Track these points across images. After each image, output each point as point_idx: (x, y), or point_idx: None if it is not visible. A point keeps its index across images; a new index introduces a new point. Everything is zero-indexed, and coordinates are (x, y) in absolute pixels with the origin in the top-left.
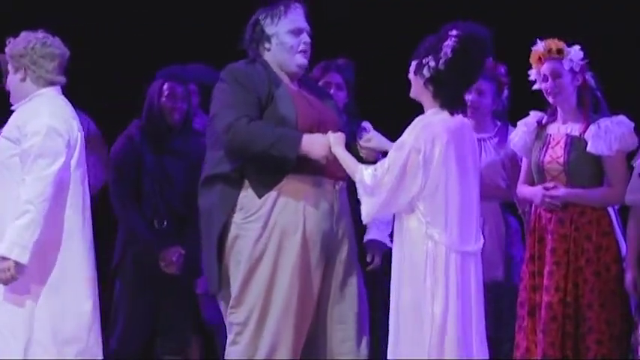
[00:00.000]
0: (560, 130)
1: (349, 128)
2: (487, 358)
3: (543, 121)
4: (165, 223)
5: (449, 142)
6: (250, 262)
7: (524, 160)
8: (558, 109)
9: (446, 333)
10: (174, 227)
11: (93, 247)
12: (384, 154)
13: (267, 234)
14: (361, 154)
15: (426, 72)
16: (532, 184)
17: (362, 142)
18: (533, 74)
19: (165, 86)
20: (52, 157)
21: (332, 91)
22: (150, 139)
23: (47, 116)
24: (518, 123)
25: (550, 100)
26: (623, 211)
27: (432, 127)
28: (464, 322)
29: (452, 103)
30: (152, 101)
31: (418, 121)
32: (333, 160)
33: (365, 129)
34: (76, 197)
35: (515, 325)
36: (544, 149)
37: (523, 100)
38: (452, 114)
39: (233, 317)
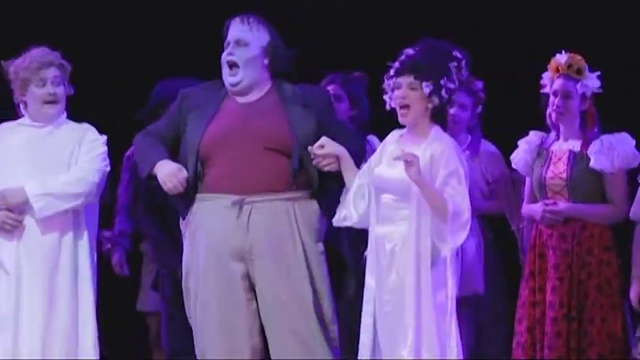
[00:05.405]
0: (561, 146)
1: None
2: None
3: (545, 143)
4: None
5: None
6: (184, 279)
7: (527, 179)
8: (560, 126)
9: None
10: None
11: None
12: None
13: (191, 252)
14: (318, 164)
15: (444, 94)
16: (536, 202)
17: (315, 150)
18: (546, 78)
19: None
20: None
21: None
22: None
23: None
24: (519, 142)
25: (553, 115)
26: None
27: (458, 146)
28: None
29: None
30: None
31: (449, 146)
32: (243, 176)
33: (370, 142)
34: None
35: (499, 341)
36: (546, 165)
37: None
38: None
39: None
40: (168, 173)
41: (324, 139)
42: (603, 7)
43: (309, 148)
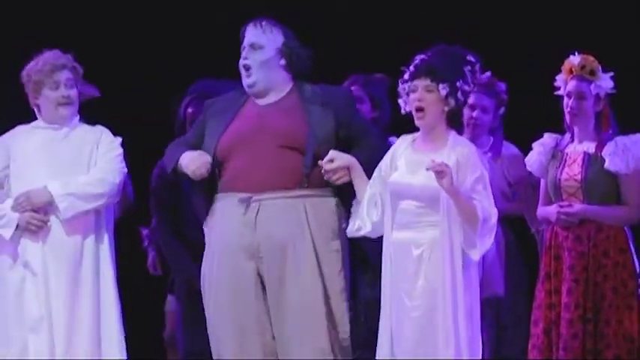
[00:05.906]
0: (576, 148)
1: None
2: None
3: (560, 145)
4: None
5: None
6: (202, 278)
7: (542, 181)
8: (575, 127)
9: None
10: None
11: None
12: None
13: (207, 252)
14: (329, 179)
15: (460, 96)
16: (551, 203)
17: (325, 165)
18: (559, 80)
19: (189, 110)
20: None
21: None
22: None
23: None
24: (534, 144)
25: (567, 118)
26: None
27: (478, 150)
28: None
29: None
30: (179, 123)
31: (472, 151)
32: (255, 173)
33: (391, 144)
34: None
35: (520, 342)
36: (560, 167)
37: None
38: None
39: None
40: (191, 158)
41: (332, 153)
42: (616, 7)
43: (320, 162)
